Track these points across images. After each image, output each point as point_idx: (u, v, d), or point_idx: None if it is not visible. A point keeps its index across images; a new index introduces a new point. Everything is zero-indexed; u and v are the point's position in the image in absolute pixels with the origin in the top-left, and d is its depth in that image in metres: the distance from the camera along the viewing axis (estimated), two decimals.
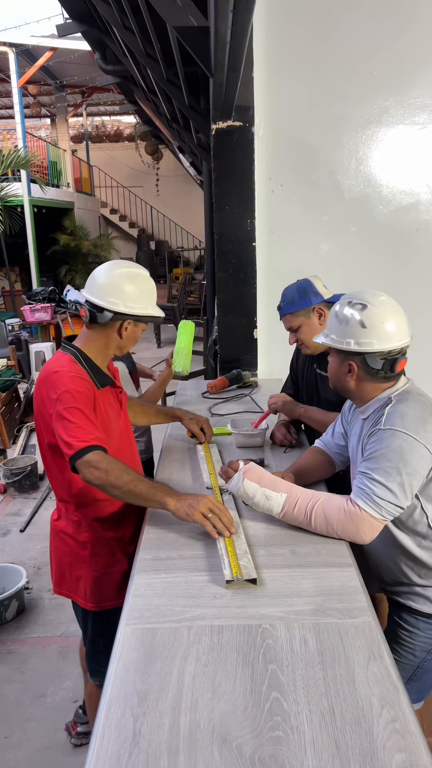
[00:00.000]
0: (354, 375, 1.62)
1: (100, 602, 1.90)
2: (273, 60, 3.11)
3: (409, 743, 0.96)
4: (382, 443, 1.51)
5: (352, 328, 1.58)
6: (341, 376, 1.66)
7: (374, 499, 1.48)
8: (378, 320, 1.56)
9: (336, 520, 1.54)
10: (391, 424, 1.51)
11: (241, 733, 0.99)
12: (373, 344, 1.56)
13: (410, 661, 1.70)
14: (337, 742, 0.97)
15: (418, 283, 3.29)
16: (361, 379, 1.62)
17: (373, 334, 1.56)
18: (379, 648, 1.18)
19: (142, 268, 1.89)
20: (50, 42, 11.08)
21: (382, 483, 1.48)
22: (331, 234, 3.35)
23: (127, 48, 4.35)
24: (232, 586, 1.38)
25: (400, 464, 1.47)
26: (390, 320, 1.56)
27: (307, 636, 1.21)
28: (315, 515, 1.57)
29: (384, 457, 1.49)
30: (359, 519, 1.50)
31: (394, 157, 3.26)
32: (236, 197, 3.21)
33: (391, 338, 1.56)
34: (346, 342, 1.59)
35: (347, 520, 1.52)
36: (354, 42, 3.11)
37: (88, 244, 14.42)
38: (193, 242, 17.89)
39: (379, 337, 1.56)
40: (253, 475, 1.65)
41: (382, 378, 1.61)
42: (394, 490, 1.48)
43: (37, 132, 17.09)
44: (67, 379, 1.71)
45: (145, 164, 16.69)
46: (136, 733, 1.00)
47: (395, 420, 1.51)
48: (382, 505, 1.48)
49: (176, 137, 6.69)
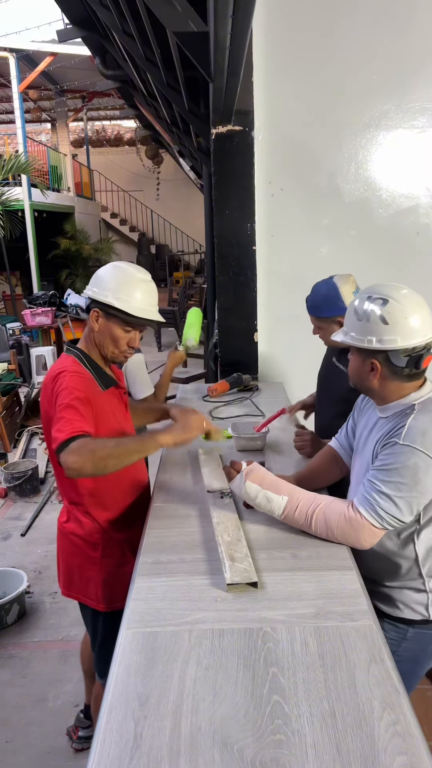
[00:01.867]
0: (377, 374, 1.54)
1: (112, 603, 1.89)
2: (273, 65, 3.12)
3: (411, 746, 0.96)
4: (398, 458, 1.46)
5: (373, 325, 1.49)
6: (363, 375, 1.58)
7: (377, 510, 1.47)
8: (401, 315, 1.47)
9: (336, 525, 1.53)
10: (410, 441, 1.45)
11: (242, 737, 0.99)
12: (397, 341, 1.47)
13: None
14: (338, 745, 0.97)
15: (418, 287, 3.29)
16: (385, 378, 1.54)
17: (396, 330, 1.47)
18: (379, 651, 1.18)
19: (138, 267, 1.90)
20: (50, 47, 11.12)
21: (389, 497, 1.45)
22: (331, 237, 3.35)
23: (127, 53, 4.36)
24: (233, 589, 1.38)
25: (411, 482, 1.44)
26: (413, 314, 1.48)
27: (308, 639, 1.21)
28: (316, 519, 1.56)
29: (397, 473, 1.45)
30: (359, 526, 1.49)
31: (393, 160, 3.27)
32: (236, 201, 3.22)
33: (415, 334, 1.47)
34: (368, 340, 1.50)
35: (347, 525, 1.51)
36: (353, 46, 3.12)
37: (88, 248, 14.44)
38: (194, 246, 17.91)
39: (403, 333, 1.47)
40: (256, 476, 1.65)
41: (407, 376, 1.53)
42: (400, 505, 1.45)
43: (38, 136, 17.15)
44: (67, 378, 1.72)
45: (146, 168, 16.72)
46: (138, 737, 1.00)
47: (415, 437, 1.45)
48: (384, 517, 1.47)
49: (176, 141, 6.70)
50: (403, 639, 1.67)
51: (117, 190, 18.43)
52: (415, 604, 1.64)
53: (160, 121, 6.58)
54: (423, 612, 1.64)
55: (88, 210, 16.31)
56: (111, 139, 19.21)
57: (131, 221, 18.60)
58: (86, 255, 14.30)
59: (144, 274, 1.89)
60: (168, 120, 5.78)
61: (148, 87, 5.16)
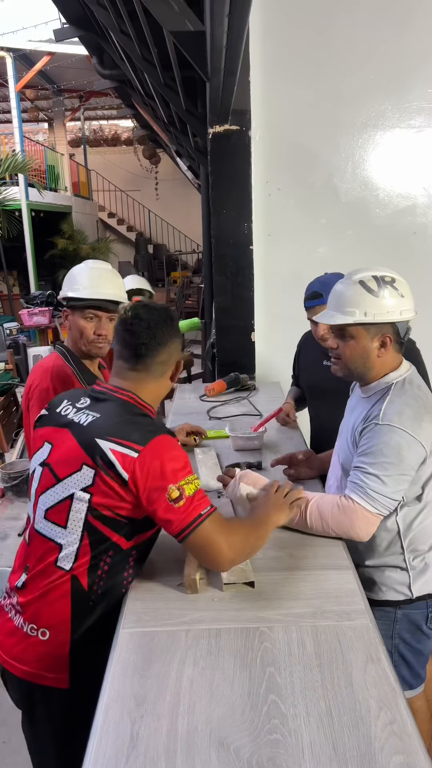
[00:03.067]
0: (387, 348, 1.59)
1: None
2: (269, 64, 3.12)
3: (407, 745, 0.96)
4: (380, 438, 1.50)
5: (393, 300, 1.56)
6: (369, 353, 1.60)
7: (368, 492, 1.49)
8: (407, 288, 1.60)
9: (330, 516, 1.55)
10: (388, 420, 1.51)
11: (239, 737, 0.99)
12: (410, 311, 1.60)
13: None
14: (335, 745, 0.97)
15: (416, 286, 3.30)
16: (388, 351, 1.60)
17: (409, 301, 1.59)
18: (376, 650, 1.18)
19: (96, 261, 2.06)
20: (48, 47, 11.11)
21: (378, 476, 1.49)
22: (328, 237, 3.35)
23: (125, 52, 4.36)
24: (230, 588, 1.38)
25: (396, 460, 1.48)
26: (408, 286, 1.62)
27: (304, 639, 1.21)
28: (310, 513, 1.57)
29: (381, 453, 1.49)
30: (353, 512, 1.51)
31: (390, 160, 3.27)
32: (233, 201, 3.22)
33: (412, 302, 1.61)
34: (389, 313, 1.56)
35: (341, 514, 1.53)
36: (350, 46, 3.12)
37: (86, 247, 14.43)
38: (191, 246, 17.90)
39: (412, 303, 1.60)
40: (249, 479, 1.68)
41: (401, 346, 1.63)
42: (389, 484, 1.48)
43: (35, 136, 17.11)
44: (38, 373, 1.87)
45: (143, 168, 16.71)
46: (134, 737, 1.00)
47: (393, 417, 1.51)
48: (376, 498, 1.49)
49: (174, 141, 6.71)
50: (394, 622, 1.68)
51: (114, 190, 18.40)
52: (398, 585, 1.66)
53: (158, 120, 6.59)
54: (406, 592, 1.65)
55: (85, 210, 16.30)
56: (108, 138, 19.19)
57: (129, 221, 18.58)
58: (84, 255, 14.25)
59: (96, 264, 2.03)
60: (165, 119, 5.79)
61: (146, 86, 5.16)
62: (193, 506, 1.29)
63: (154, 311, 1.48)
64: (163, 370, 1.48)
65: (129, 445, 1.30)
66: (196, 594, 1.37)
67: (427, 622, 1.69)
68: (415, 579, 1.65)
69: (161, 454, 1.30)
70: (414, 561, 1.64)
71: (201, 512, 1.30)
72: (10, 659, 1.39)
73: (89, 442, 1.34)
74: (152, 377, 1.47)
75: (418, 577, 1.65)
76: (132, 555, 1.40)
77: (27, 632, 1.36)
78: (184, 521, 1.29)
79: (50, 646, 1.35)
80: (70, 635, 1.34)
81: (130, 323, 1.45)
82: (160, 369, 1.47)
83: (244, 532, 1.40)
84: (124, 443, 1.31)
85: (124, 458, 1.29)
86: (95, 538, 1.33)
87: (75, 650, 1.35)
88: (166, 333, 1.46)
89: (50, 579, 1.34)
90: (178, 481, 1.29)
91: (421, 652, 1.73)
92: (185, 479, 1.30)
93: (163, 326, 1.46)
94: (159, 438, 1.33)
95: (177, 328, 1.53)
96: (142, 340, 1.43)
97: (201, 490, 1.34)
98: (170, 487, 1.28)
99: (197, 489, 1.33)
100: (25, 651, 1.36)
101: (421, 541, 1.63)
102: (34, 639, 1.35)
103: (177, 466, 1.31)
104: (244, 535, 1.39)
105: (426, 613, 1.68)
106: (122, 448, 1.30)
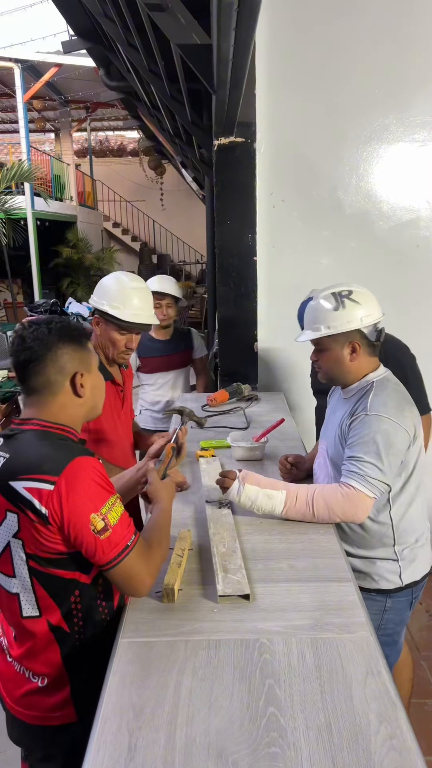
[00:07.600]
0: (357, 353, 1.75)
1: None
2: (275, 77, 3.14)
3: (407, 760, 0.95)
4: (370, 427, 1.65)
5: (351, 311, 1.73)
6: (343, 360, 1.77)
7: (367, 479, 1.63)
8: (365, 296, 1.76)
9: (335, 503, 1.66)
10: (375, 411, 1.67)
11: (237, 749, 0.98)
12: (372, 315, 1.74)
13: None
14: (334, 759, 0.96)
15: (419, 299, 3.31)
16: (360, 355, 1.76)
17: (369, 307, 1.74)
18: (377, 664, 1.17)
19: (133, 276, 2.09)
20: (55, 58, 11.24)
21: (373, 463, 1.63)
22: (331, 249, 3.36)
23: (132, 65, 4.40)
24: (225, 601, 1.38)
25: (387, 445, 1.63)
26: (369, 294, 1.78)
27: (304, 651, 1.20)
28: (316, 503, 1.67)
29: (373, 441, 1.64)
30: (356, 498, 1.64)
31: (394, 173, 3.28)
32: (237, 212, 3.23)
33: (377, 306, 1.77)
34: (350, 323, 1.72)
35: (345, 501, 1.65)
36: (355, 60, 3.15)
37: (90, 257, 14.50)
38: (195, 256, 17.97)
39: (373, 308, 1.76)
40: (252, 479, 1.73)
41: (374, 349, 1.78)
42: (384, 469, 1.63)
43: (42, 146, 17.25)
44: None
45: (148, 179, 16.81)
46: (132, 748, 0.99)
47: (379, 407, 1.67)
48: (374, 483, 1.63)
49: (179, 152, 6.75)
50: (384, 611, 1.82)
51: (119, 200, 18.52)
52: (389, 574, 1.80)
53: (163, 132, 6.63)
54: (396, 580, 1.80)
55: (90, 219, 16.39)
56: (114, 149, 19.34)
57: (133, 231, 18.67)
58: (88, 264, 14.35)
59: (138, 283, 2.07)
60: (171, 131, 5.83)
61: (152, 98, 5.21)
62: (119, 537, 1.24)
63: (37, 328, 1.36)
64: (56, 387, 1.35)
65: (42, 479, 1.21)
66: (196, 604, 1.37)
67: (411, 607, 1.88)
68: (404, 568, 1.81)
69: (78, 480, 1.22)
70: (404, 552, 1.80)
71: (128, 543, 1.26)
72: (16, 706, 1.38)
73: (4, 486, 1.24)
74: (50, 396, 1.35)
75: (407, 566, 1.81)
76: (99, 584, 1.35)
77: (29, 678, 1.35)
78: (110, 554, 1.24)
79: (51, 690, 1.34)
80: (68, 678, 1.33)
81: (13, 345, 1.35)
82: (53, 387, 1.35)
83: (160, 545, 1.39)
84: (36, 477, 1.21)
85: (40, 493, 1.20)
86: (48, 582, 1.28)
87: (76, 689, 1.34)
88: (45, 346, 1.33)
89: (30, 631, 1.31)
90: (99, 508, 1.22)
91: (398, 643, 1.94)
92: (106, 504, 1.23)
93: (44, 340, 1.34)
94: (74, 463, 1.23)
95: (65, 338, 1.37)
96: (21, 360, 1.33)
97: (125, 514, 1.28)
98: (93, 516, 1.21)
99: (121, 513, 1.27)
100: (29, 696, 1.35)
101: (409, 533, 1.80)
102: (34, 685, 1.34)
103: (96, 490, 1.23)
104: (161, 550, 1.38)
105: (410, 600, 1.86)
106: (36, 483, 1.21)
